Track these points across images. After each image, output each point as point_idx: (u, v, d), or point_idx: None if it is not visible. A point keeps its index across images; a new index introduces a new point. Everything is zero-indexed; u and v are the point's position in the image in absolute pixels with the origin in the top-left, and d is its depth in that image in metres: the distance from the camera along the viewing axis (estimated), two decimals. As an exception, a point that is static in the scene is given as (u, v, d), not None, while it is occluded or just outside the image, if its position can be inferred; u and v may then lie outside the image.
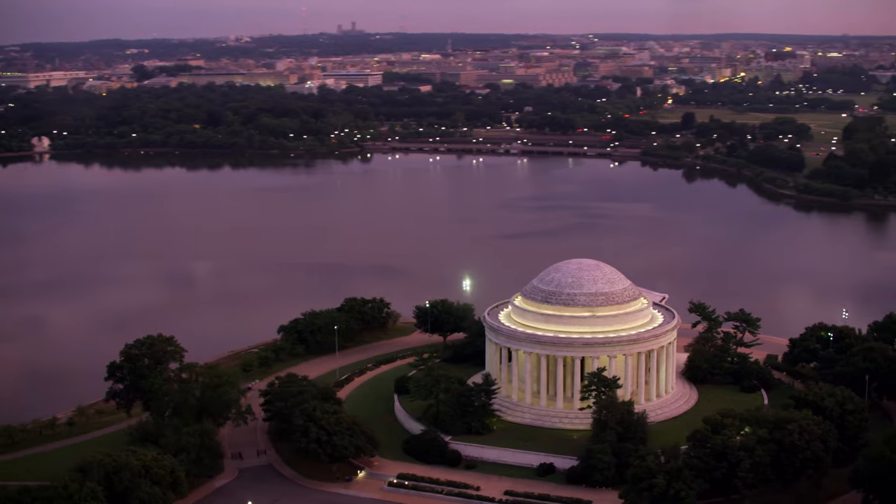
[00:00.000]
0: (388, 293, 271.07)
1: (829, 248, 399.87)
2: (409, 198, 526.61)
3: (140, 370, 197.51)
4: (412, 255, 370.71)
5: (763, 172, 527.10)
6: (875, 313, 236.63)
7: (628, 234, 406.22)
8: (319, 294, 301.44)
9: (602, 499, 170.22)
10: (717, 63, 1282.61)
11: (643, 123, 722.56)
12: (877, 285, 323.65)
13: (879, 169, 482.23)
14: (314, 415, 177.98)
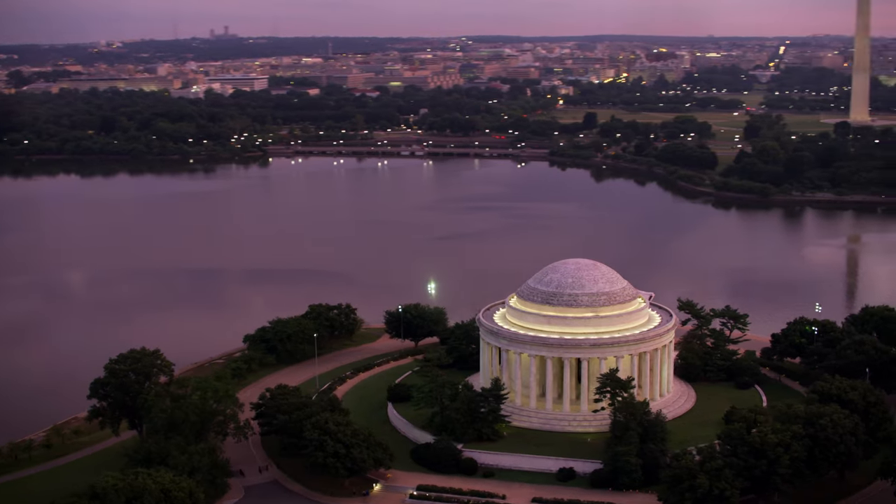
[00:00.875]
0: (340, 298, 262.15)
1: (771, 244, 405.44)
2: (331, 202, 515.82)
3: (127, 386, 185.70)
4: (356, 260, 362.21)
5: (677, 171, 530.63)
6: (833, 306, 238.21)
7: (566, 234, 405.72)
8: (268, 300, 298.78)
9: (631, 502, 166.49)
10: (600, 64, 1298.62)
11: (545, 124, 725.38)
12: (821, 279, 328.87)
13: (794, 165, 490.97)
14: (328, 427, 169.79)
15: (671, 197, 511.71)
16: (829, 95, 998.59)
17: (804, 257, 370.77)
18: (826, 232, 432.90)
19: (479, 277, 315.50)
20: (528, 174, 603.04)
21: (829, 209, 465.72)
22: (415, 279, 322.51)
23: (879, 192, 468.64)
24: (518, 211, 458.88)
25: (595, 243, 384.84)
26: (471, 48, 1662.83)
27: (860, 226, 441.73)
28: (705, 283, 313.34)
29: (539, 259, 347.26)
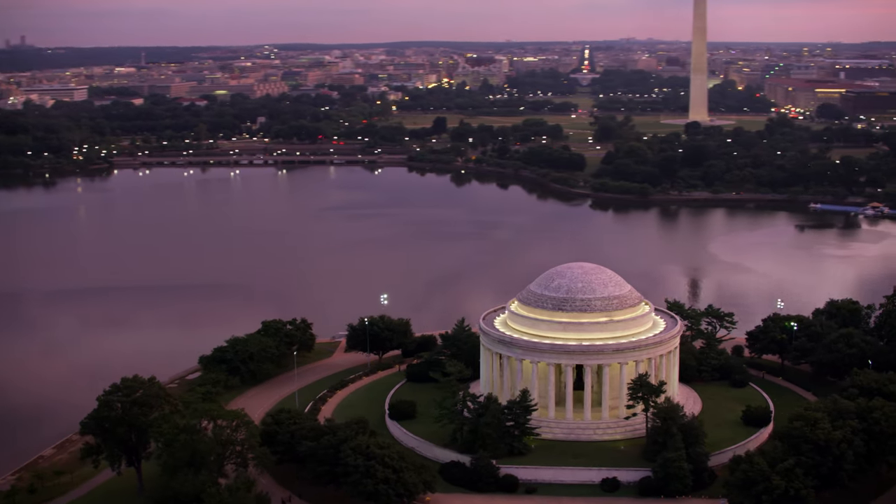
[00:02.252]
0: (261, 312, 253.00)
1: (683, 243, 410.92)
2: (207, 212, 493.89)
3: (129, 419, 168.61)
4: (260, 273, 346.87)
5: (549, 173, 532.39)
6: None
7: (471, 240, 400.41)
8: (189, 319, 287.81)
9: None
10: (423, 70, 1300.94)
11: (395, 129, 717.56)
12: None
13: (667, 165, 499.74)
14: (371, 451, 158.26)
15: (554, 201, 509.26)
16: (654, 97, 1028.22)
17: (715, 254, 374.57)
18: (727, 228, 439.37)
19: (403, 286, 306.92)
20: (392, 180, 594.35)
21: (705, 207, 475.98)
22: (335, 290, 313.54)
23: (753, 189, 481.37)
24: (405, 217, 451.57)
25: (510, 248, 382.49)
26: (288, 57, 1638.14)
27: (756, 222, 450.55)
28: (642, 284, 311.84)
29: (464, 266, 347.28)
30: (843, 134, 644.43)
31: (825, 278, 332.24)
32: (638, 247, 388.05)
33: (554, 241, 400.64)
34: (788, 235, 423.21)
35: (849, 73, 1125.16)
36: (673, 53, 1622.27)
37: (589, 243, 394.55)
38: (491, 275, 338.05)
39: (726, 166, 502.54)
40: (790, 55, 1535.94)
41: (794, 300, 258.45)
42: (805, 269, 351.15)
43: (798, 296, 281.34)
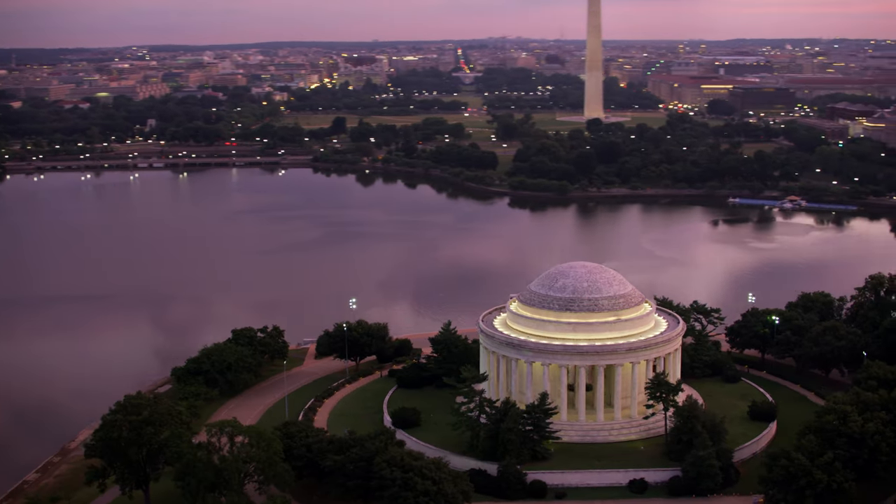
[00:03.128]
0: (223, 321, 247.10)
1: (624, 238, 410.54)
2: (115, 218, 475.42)
3: (141, 440, 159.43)
4: (202, 280, 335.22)
5: (463, 172, 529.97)
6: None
7: (405, 240, 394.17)
8: (141, 330, 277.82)
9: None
10: (304, 70, 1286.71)
11: (293, 130, 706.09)
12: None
13: (584, 162, 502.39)
14: (408, 463, 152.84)
15: (471, 199, 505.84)
16: (540, 94, 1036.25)
17: (650, 248, 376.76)
18: (656, 223, 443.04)
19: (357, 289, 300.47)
20: (299, 182, 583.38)
21: (625, 203, 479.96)
22: (289, 296, 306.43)
23: (670, 185, 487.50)
24: (326, 219, 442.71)
25: (446, 247, 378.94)
26: (163, 58, 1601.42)
27: (682, 217, 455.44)
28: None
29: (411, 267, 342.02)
30: (743, 129, 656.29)
31: (780, 271, 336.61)
32: (577, 244, 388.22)
33: (490, 239, 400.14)
34: (723, 230, 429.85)
35: (728, 70, 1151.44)
36: (551, 51, 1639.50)
37: (528, 241, 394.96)
38: (441, 275, 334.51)
39: (641, 163, 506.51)
40: (666, 52, 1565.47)
41: (761, 294, 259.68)
42: (756, 262, 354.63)
43: (762, 290, 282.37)
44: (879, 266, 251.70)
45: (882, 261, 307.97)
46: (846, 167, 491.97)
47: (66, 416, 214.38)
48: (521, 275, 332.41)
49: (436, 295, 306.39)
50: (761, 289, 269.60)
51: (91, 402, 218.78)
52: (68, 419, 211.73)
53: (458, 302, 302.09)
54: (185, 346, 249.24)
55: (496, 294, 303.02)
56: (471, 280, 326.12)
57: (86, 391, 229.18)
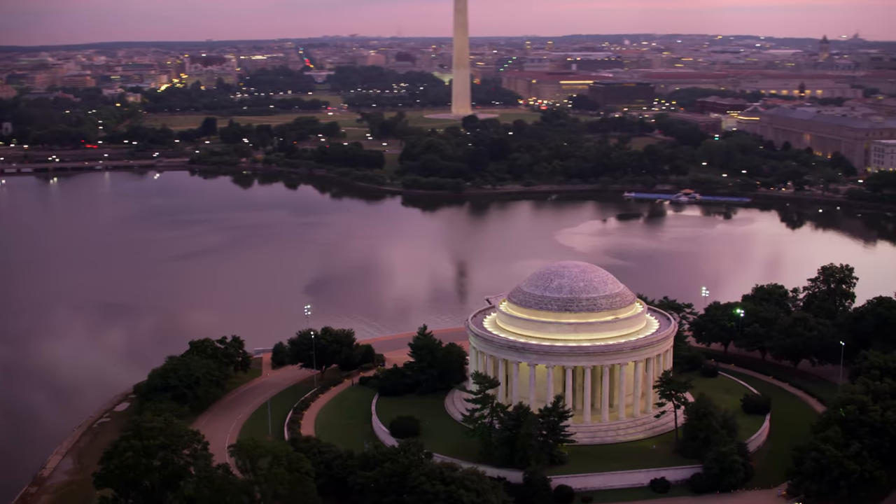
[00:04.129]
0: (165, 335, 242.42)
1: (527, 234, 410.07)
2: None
3: (162, 466, 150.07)
4: (125, 290, 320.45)
5: (351, 171, 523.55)
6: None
7: (315, 242, 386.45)
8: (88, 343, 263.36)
9: (753, 501, 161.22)
10: (154, 70, 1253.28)
11: (163, 132, 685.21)
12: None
13: (476, 159, 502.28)
14: (448, 475, 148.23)
15: (362, 199, 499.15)
16: (396, 92, 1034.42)
17: (570, 245, 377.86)
18: (564, 219, 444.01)
19: (293, 294, 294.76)
20: (179, 184, 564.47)
21: (521, 200, 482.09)
22: (225, 304, 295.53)
23: (564, 181, 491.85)
24: (226, 223, 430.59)
25: (363, 248, 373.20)
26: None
27: (584, 213, 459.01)
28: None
29: (335, 269, 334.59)
30: (619, 124, 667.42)
31: (713, 264, 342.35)
32: (490, 242, 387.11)
33: (402, 238, 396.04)
34: (637, 224, 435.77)
35: (581, 65, 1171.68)
36: (399, 49, 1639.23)
37: (448, 241, 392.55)
38: (368, 276, 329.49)
39: (532, 159, 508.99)
40: (514, 49, 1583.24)
41: (711, 288, 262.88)
42: (687, 255, 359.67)
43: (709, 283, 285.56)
44: (809, 256, 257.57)
45: (814, 251, 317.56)
46: (732, 160, 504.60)
47: (26, 442, 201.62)
48: (450, 276, 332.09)
49: (374, 297, 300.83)
50: (695, 282, 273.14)
51: (52, 424, 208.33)
52: (30, 445, 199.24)
53: (400, 303, 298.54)
54: (137, 361, 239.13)
55: (436, 295, 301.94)
56: (401, 281, 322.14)
57: (42, 414, 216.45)
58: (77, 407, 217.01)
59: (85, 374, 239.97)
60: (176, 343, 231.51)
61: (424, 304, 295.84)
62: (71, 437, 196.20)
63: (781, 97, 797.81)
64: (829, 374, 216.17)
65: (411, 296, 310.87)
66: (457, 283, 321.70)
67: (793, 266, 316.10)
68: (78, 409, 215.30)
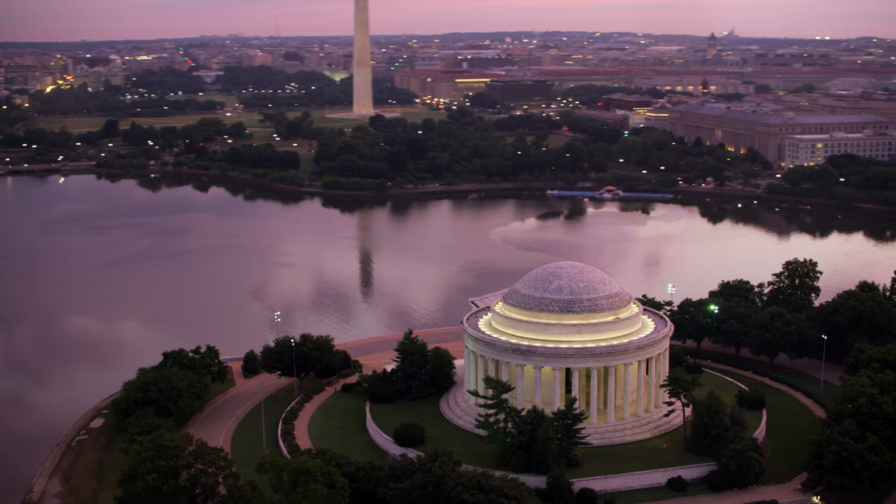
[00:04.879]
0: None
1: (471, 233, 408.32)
2: None
3: (189, 487, 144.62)
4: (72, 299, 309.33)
5: (268, 173, 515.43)
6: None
7: (256, 247, 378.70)
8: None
9: (771, 496, 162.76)
10: (38, 71, 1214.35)
11: (63, 135, 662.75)
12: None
13: (396, 159, 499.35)
14: (485, 483, 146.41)
15: (280, 202, 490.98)
16: (290, 92, 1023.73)
17: (509, 244, 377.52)
18: (498, 217, 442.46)
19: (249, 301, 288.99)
20: (88, 188, 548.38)
21: (444, 199, 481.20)
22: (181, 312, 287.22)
23: (485, 179, 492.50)
24: (152, 227, 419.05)
25: (300, 252, 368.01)
26: None
27: (516, 211, 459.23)
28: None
29: (270, 273, 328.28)
30: (527, 121, 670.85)
31: (664, 261, 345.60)
32: (432, 242, 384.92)
33: (340, 240, 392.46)
34: (564, 222, 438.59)
35: (472, 63, 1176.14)
36: (289, 48, 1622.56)
37: (387, 242, 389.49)
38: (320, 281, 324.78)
39: (451, 158, 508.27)
40: (399, 47, 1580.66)
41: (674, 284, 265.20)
42: (624, 252, 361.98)
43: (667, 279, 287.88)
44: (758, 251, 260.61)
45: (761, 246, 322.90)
46: (649, 157, 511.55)
47: (2, 464, 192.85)
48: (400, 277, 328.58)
49: (330, 302, 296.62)
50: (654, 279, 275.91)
51: (25, 444, 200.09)
52: (6, 466, 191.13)
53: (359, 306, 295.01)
54: (100, 373, 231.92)
55: (393, 298, 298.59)
56: (353, 284, 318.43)
57: (12, 433, 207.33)
58: (46, 424, 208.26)
59: (48, 390, 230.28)
60: (139, 354, 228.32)
61: (384, 307, 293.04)
62: (52, 458, 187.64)
63: (687, 94, 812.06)
64: (806, 368, 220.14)
65: (369, 299, 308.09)
66: (410, 285, 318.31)
67: (750, 261, 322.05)
68: (48, 426, 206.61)
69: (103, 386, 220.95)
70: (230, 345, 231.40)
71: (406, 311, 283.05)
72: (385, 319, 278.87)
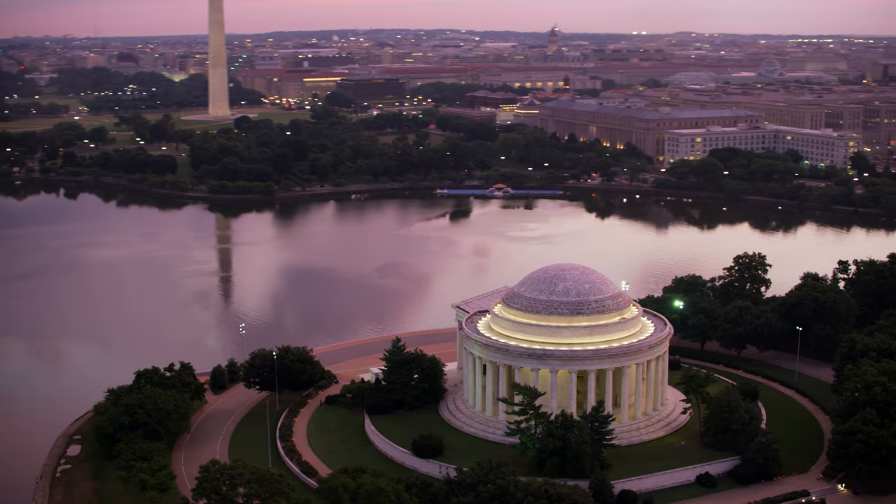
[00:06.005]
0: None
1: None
2: None
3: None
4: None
5: (147, 178, 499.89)
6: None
7: (172, 259, 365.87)
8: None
9: (797, 486, 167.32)
10: None
11: None
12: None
13: (281, 161, 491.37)
14: (554, 492, 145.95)
15: (160, 207, 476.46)
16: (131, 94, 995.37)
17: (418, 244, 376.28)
18: (398, 218, 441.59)
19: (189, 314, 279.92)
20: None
21: (333, 200, 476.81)
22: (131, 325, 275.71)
23: (372, 180, 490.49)
24: (42, 238, 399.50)
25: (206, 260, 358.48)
26: None
27: (414, 210, 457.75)
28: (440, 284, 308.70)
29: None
30: (394, 120, 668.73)
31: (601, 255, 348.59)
32: (344, 244, 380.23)
33: (253, 245, 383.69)
34: (472, 220, 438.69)
35: (312, 62, 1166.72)
36: (124, 49, 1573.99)
37: (293, 246, 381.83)
38: (258, 289, 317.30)
39: (335, 158, 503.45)
40: (234, 47, 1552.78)
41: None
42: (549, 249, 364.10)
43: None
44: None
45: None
46: (531, 154, 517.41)
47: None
48: (325, 281, 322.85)
49: (277, 311, 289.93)
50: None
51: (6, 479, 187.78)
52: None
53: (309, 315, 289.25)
54: (58, 397, 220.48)
55: (337, 304, 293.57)
56: (291, 291, 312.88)
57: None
58: (17, 456, 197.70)
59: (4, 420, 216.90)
60: (97, 375, 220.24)
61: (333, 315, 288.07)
62: (41, 491, 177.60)
63: (554, 91, 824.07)
64: (774, 359, 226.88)
65: (305, 307, 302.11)
66: (342, 290, 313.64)
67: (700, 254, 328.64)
68: (20, 458, 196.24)
69: (64, 410, 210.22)
70: (191, 360, 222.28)
71: (345, 320, 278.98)
72: (329, 328, 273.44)
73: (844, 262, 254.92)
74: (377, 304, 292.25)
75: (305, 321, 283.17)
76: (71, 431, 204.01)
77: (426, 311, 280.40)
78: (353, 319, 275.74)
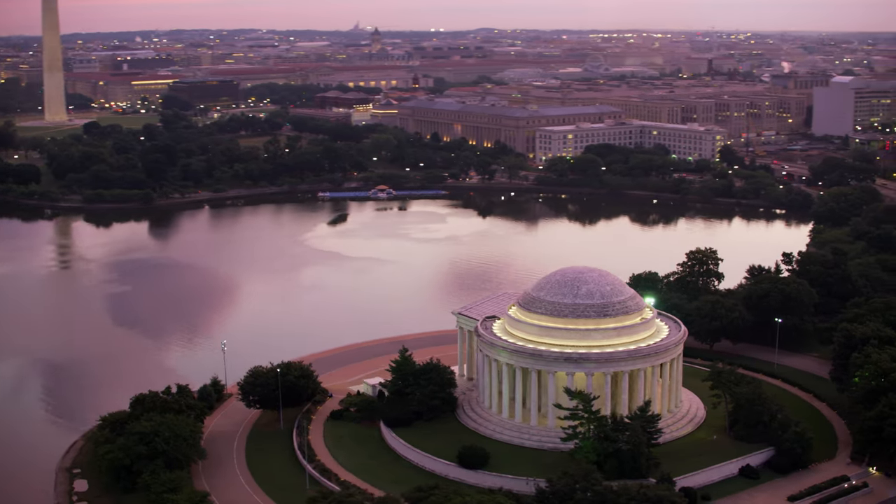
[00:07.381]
0: None
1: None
2: None
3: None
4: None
5: (11, 188, 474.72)
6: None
7: (87, 272, 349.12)
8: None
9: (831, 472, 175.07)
10: None
11: None
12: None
13: (156, 167, 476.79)
14: (654, 494, 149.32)
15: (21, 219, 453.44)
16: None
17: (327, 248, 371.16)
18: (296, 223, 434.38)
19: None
20: None
21: (213, 206, 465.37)
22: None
23: (252, 185, 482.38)
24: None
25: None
26: None
27: (308, 215, 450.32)
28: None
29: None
30: (250, 123, 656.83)
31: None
32: (254, 253, 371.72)
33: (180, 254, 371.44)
34: (382, 221, 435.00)
35: (132, 65, 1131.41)
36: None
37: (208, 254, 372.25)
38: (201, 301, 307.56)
39: (208, 164, 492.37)
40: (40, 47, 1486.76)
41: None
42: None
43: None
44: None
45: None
46: (404, 154, 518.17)
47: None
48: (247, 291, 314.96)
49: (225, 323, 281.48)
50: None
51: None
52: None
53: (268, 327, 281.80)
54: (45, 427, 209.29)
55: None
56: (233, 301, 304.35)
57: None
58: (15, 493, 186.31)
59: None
60: (82, 401, 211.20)
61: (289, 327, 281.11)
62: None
63: (402, 90, 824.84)
64: (746, 351, 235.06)
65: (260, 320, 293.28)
66: (264, 300, 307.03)
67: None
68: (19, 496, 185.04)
69: (52, 441, 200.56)
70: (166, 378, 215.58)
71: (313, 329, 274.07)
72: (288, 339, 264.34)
73: (788, 254, 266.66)
74: (333, 314, 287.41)
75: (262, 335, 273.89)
76: (66, 465, 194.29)
77: (363, 320, 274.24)
78: (305, 331, 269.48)
